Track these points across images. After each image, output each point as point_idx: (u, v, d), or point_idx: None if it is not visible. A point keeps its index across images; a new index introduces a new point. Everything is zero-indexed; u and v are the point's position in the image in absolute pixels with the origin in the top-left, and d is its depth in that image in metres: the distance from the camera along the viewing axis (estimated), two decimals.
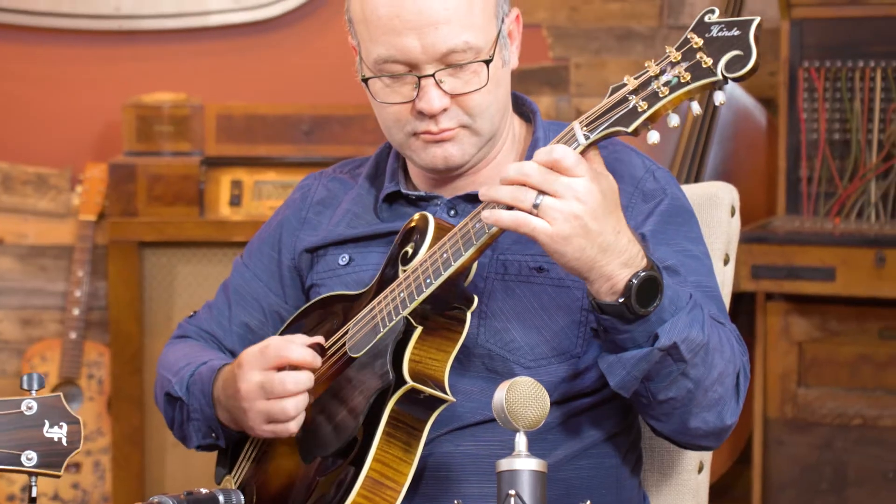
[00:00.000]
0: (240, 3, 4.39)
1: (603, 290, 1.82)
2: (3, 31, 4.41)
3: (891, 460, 3.80)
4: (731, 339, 1.95)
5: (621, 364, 1.86)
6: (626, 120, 1.79)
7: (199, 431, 2.11)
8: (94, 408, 4.26)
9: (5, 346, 4.48)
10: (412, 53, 1.95)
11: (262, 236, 2.24)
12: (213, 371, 2.07)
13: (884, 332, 3.81)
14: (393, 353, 1.88)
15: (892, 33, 3.90)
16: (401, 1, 1.94)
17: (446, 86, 1.96)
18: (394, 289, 1.93)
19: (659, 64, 1.80)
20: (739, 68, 1.75)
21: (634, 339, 1.85)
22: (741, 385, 1.95)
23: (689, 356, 1.85)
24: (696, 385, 1.88)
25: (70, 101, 4.44)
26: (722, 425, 1.94)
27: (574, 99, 4.42)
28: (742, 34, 1.75)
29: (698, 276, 2.00)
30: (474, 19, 1.96)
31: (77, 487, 4.27)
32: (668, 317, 1.84)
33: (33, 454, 1.72)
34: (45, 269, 4.47)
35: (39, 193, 4.47)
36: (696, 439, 1.97)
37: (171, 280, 4.17)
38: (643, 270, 1.81)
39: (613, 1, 4.40)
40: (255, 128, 4.18)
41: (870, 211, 3.89)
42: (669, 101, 1.78)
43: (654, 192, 2.04)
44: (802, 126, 3.96)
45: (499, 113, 2.03)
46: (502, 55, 2.01)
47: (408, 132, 2.01)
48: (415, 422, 1.88)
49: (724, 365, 1.90)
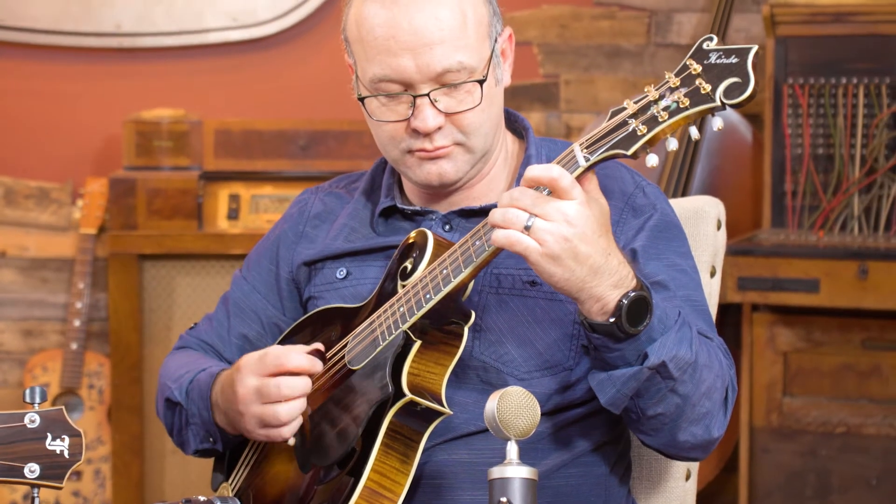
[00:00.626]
0: (237, 21, 4.39)
1: (594, 310, 1.82)
2: (7, 48, 4.41)
3: (874, 468, 3.80)
4: (719, 354, 1.95)
5: (611, 382, 1.87)
6: (626, 143, 1.79)
7: (197, 436, 2.11)
8: (95, 417, 4.26)
9: (7, 357, 4.47)
10: (407, 73, 1.95)
11: (260, 250, 2.24)
12: (211, 376, 2.07)
13: (867, 343, 3.81)
14: (392, 366, 1.88)
15: (874, 51, 3.91)
16: (396, 22, 1.95)
17: (441, 105, 1.97)
18: (393, 303, 1.93)
19: (658, 89, 1.79)
20: (738, 95, 1.75)
21: (624, 358, 1.85)
22: (729, 398, 1.95)
23: (677, 374, 1.85)
24: (684, 400, 1.88)
25: (71, 116, 4.44)
26: (709, 438, 1.94)
27: (564, 115, 4.43)
28: (740, 61, 1.75)
29: (687, 290, 2.01)
30: (468, 40, 1.96)
31: (78, 495, 4.26)
32: (657, 336, 1.84)
33: (36, 466, 1.72)
34: (46, 282, 4.47)
35: (41, 207, 4.46)
36: (684, 452, 1.97)
37: (170, 292, 4.17)
38: (633, 291, 1.81)
39: (602, 19, 4.41)
40: (252, 143, 4.18)
41: (853, 224, 3.89)
42: (668, 126, 1.78)
43: (644, 208, 2.04)
44: (787, 141, 3.96)
45: (492, 130, 2.03)
46: (495, 74, 2.02)
47: (403, 149, 2.01)
48: (412, 433, 1.88)
49: (712, 380, 1.90)
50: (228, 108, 4.38)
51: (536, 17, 4.41)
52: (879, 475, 3.80)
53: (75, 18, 4.37)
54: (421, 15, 1.94)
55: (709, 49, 1.78)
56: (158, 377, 2.20)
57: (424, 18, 1.94)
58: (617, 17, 4.40)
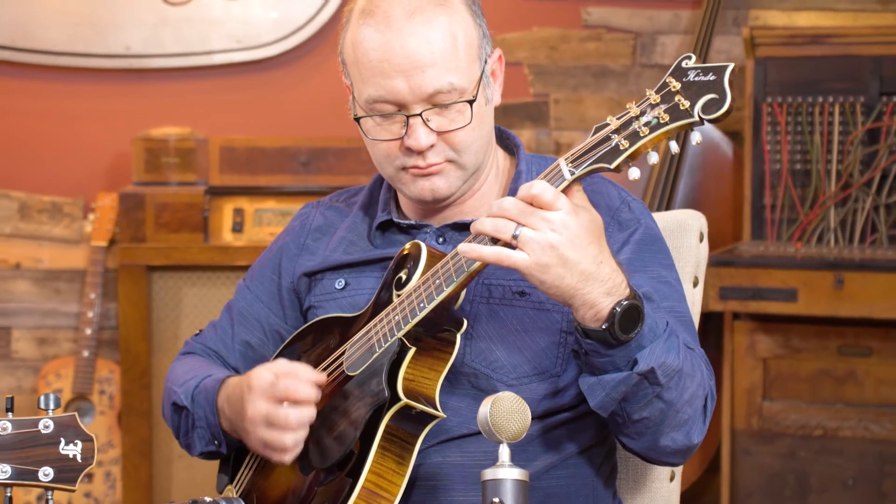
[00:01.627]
0: (241, 43, 4.40)
1: (587, 316, 1.82)
2: (22, 68, 4.41)
3: (850, 469, 3.80)
4: (701, 364, 1.95)
5: (601, 386, 1.86)
6: (609, 157, 1.79)
7: (203, 439, 2.11)
8: (106, 421, 4.25)
9: (22, 364, 4.47)
10: (401, 94, 1.96)
11: (264, 261, 2.24)
12: (217, 382, 2.07)
13: (843, 349, 3.81)
14: (388, 372, 1.88)
15: (849, 71, 3.92)
16: (390, 45, 1.95)
17: (433, 124, 1.97)
18: (389, 312, 1.93)
19: (640, 105, 1.80)
20: (715, 110, 1.75)
21: (615, 363, 1.85)
22: (708, 407, 1.96)
23: (664, 380, 1.85)
24: (668, 406, 1.88)
25: (83, 134, 4.44)
26: (689, 444, 1.94)
27: (553, 132, 4.43)
28: (717, 79, 1.76)
29: (671, 301, 2.01)
30: (458, 62, 1.96)
31: (89, 496, 4.26)
32: (646, 343, 1.84)
33: (50, 470, 1.72)
34: (59, 292, 4.46)
35: (54, 221, 4.46)
36: (665, 456, 1.98)
37: (177, 302, 4.16)
38: (626, 299, 1.81)
39: (590, 41, 4.42)
40: (255, 159, 4.18)
41: (829, 236, 3.90)
42: (649, 141, 1.78)
43: (630, 222, 2.05)
44: (766, 157, 3.97)
45: (482, 148, 2.03)
46: (485, 94, 2.02)
47: (397, 167, 2.01)
48: (408, 436, 1.88)
49: (694, 388, 1.91)
50: (233, 126, 4.38)
51: (527, 39, 4.42)
52: (855, 476, 3.80)
53: (87, 41, 4.38)
54: (413, 39, 1.95)
55: (687, 67, 1.78)
56: (165, 381, 2.20)
57: (416, 42, 1.95)
58: (604, 39, 4.41)
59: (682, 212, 2.30)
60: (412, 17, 1.95)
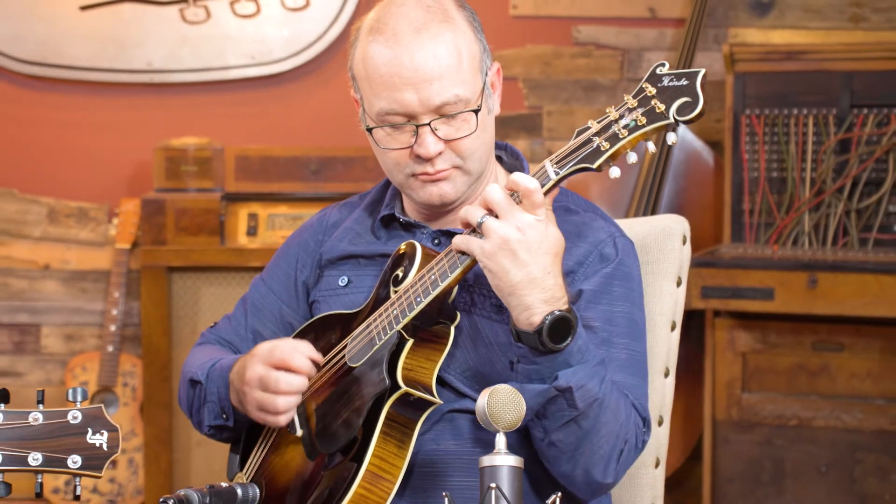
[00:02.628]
0: (255, 59, 4.40)
1: (521, 318, 1.81)
2: (51, 83, 4.42)
3: (823, 456, 3.80)
4: (630, 409, 1.91)
5: (522, 393, 1.85)
6: (591, 158, 1.80)
7: (212, 412, 2.10)
8: (129, 412, 4.26)
9: (51, 359, 4.47)
10: (410, 106, 1.95)
11: (280, 256, 2.23)
12: (232, 360, 2.07)
13: (816, 345, 3.81)
14: (388, 362, 1.88)
15: (822, 85, 3.92)
16: (399, 61, 1.95)
17: (440, 133, 1.96)
18: (387, 307, 1.93)
19: (618, 109, 1.80)
20: (689, 112, 1.75)
21: (540, 373, 1.83)
22: (625, 453, 1.90)
23: (581, 405, 1.82)
24: (584, 434, 1.85)
25: (108, 144, 4.44)
26: (603, 481, 1.89)
27: (547, 142, 4.43)
28: (690, 83, 1.76)
29: (629, 339, 1.97)
30: (463, 75, 1.96)
31: (113, 482, 4.26)
32: (573, 363, 1.82)
33: (77, 457, 1.73)
34: (85, 291, 4.47)
35: (81, 225, 4.46)
36: (575, 487, 1.93)
37: (195, 300, 4.17)
38: (560, 311, 1.80)
39: (580, 57, 4.42)
40: (268, 167, 4.18)
41: (804, 239, 3.90)
42: (628, 142, 1.78)
43: (609, 257, 2.01)
44: (745, 165, 3.97)
45: (485, 155, 2.03)
46: (487, 104, 2.01)
47: (407, 174, 2.01)
48: (407, 421, 1.88)
49: (616, 427, 1.87)
50: (247, 137, 4.39)
51: (522, 56, 4.42)
52: (828, 463, 3.79)
53: (111, 57, 4.38)
54: (421, 53, 1.94)
55: (662, 73, 1.79)
56: (182, 368, 2.21)
57: (424, 57, 1.94)
58: (593, 56, 4.42)
59: (666, 216, 2.29)
60: (419, 33, 1.95)
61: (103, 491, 4.25)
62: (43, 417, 1.72)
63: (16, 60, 4.37)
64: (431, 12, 1.97)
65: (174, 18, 4.37)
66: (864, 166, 3.88)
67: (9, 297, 4.45)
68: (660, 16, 4.40)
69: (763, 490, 3.84)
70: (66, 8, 4.35)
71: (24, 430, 1.71)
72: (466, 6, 2.03)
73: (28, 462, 1.71)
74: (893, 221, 3.88)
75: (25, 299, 4.46)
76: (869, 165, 3.88)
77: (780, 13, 4.38)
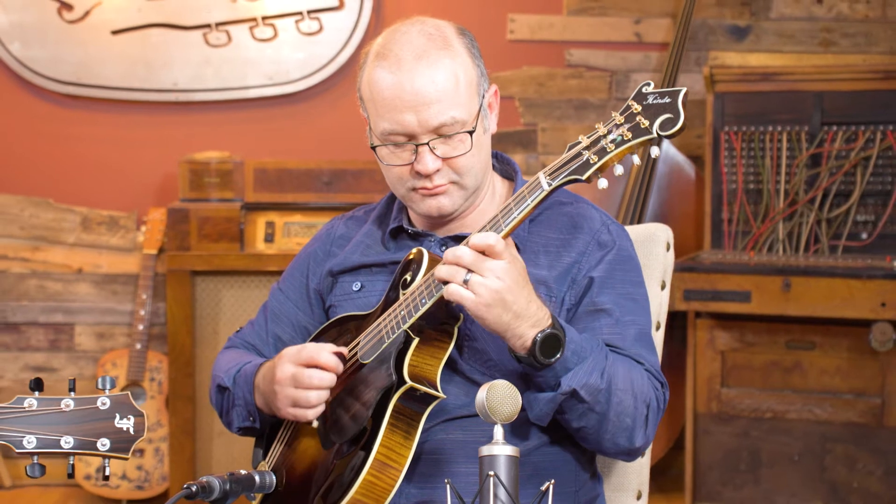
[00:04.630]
0: (273, 79, 4.40)
1: (517, 345, 1.85)
2: (85, 101, 4.42)
3: (796, 446, 3.80)
4: (644, 378, 1.94)
5: (536, 402, 1.90)
6: (581, 170, 1.80)
7: (240, 416, 2.11)
8: (155, 405, 4.25)
9: (84, 355, 4.47)
10: (410, 127, 1.96)
11: (294, 266, 2.24)
12: (256, 367, 2.08)
13: (790, 344, 3.81)
14: (395, 359, 1.88)
15: (795, 104, 3.93)
16: (401, 85, 1.95)
17: (438, 151, 1.97)
18: (396, 308, 1.93)
19: (606, 125, 1.80)
20: (671, 127, 1.76)
21: (546, 382, 1.87)
22: (650, 416, 1.94)
23: (589, 398, 1.87)
24: (602, 417, 1.89)
25: (137, 157, 4.44)
26: (631, 447, 1.94)
27: (541, 156, 4.43)
28: (672, 101, 1.77)
29: (634, 315, 2.00)
30: (460, 98, 1.96)
31: (141, 469, 4.26)
32: (571, 366, 1.86)
33: (107, 441, 1.72)
34: (116, 293, 4.46)
35: (111, 232, 4.46)
36: (611, 456, 2.00)
37: (217, 302, 4.16)
38: (547, 328, 1.83)
39: (572, 78, 4.42)
40: (284, 179, 4.18)
41: (778, 246, 3.90)
42: (615, 155, 1.78)
43: (607, 243, 2.04)
44: (724, 178, 3.97)
45: (481, 171, 2.03)
46: (483, 124, 2.01)
47: (408, 188, 2.01)
48: (413, 414, 1.88)
49: (630, 401, 1.91)
50: (265, 151, 4.39)
51: (518, 76, 4.42)
52: (801, 452, 3.79)
53: (140, 78, 4.38)
54: (420, 79, 1.95)
55: (647, 92, 1.80)
56: (211, 370, 2.21)
57: (423, 82, 1.94)
58: (584, 77, 4.41)
59: (651, 225, 2.29)
60: (420, 60, 1.95)
61: (131, 478, 4.25)
62: (74, 404, 1.72)
63: (54, 81, 4.37)
64: (433, 40, 1.97)
65: (198, 42, 4.37)
66: (834, 179, 3.87)
67: (45, 298, 4.45)
68: (646, 40, 4.40)
69: (741, 477, 3.83)
70: (100, 33, 4.36)
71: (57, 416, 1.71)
72: (466, 33, 2.03)
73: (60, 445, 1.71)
74: (861, 230, 3.88)
75: (60, 300, 4.46)
76: (838, 178, 3.88)
77: (756, 38, 4.38)
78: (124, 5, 4.34)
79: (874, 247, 3.84)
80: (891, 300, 3.56)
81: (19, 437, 1.69)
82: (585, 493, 2.06)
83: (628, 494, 2.21)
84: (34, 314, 4.45)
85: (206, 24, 4.36)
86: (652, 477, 2.32)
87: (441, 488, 1.92)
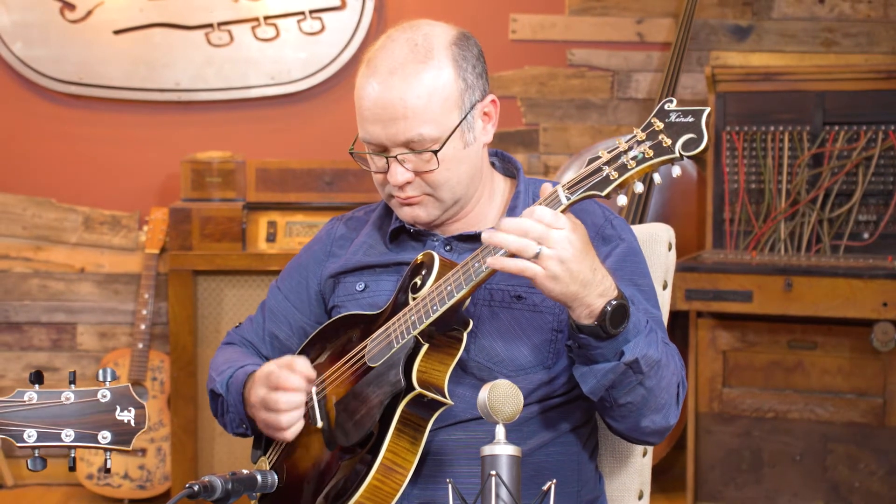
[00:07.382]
0: (275, 79, 4.40)
1: (583, 315, 1.82)
2: (87, 101, 4.42)
3: (797, 446, 3.79)
4: (675, 357, 1.95)
5: (593, 374, 1.86)
6: (601, 186, 1.77)
7: (233, 422, 2.13)
8: (157, 404, 4.25)
9: (86, 354, 4.47)
10: (379, 139, 1.96)
11: (293, 266, 2.24)
12: (245, 375, 2.08)
13: (791, 343, 3.81)
14: (404, 365, 1.88)
15: (797, 104, 3.92)
16: (374, 98, 1.95)
17: (408, 165, 1.97)
18: (405, 313, 1.92)
19: (628, 142, 1.78)
20: (694, 148, 1.73)
21: (604, 355, 1.85)
22: (680, 394, 1.96)
23: (646, 370, 1.86)
24: (648, 392, 1.88)
25: (139, 157, 4.44)
26: (667, 425, 1.95)
27: (543, 156, 4.43)
28: (696, 121, 1.74)
29: (646, 305, 2.01)
30: (431, 115, 1.94)
31: (143, 468, 4.25)
32: (631, 337, 1.84)
33: (108, 433, 1.72)
34: (118, 293, 4.46)
35: (114, 231, 4.46)
36: (644, 436, 1.98)
37: (219, 301, 4.16)
38: (615, 299, 1.82)
39: (574, 78, 4.42)
40: (286, 179, 4.18)
41: (780, 246, 3.89)
42: (636, 173, 1.76)
43: (612, 237, 2.04)
44: (726, 178, 3.96)
45: (461, 184, 2.01)
46: (464, 138, 1.99)
47: (387, 193, 2.04)
48: (420, 420, 1.87)
49: (670, 377, 1.91)
50: (267, 151, 4.38)
51: (520, 76, 4.42)
52: (802, 452, 3.79)
53: (142, 77, 4.38)
54: (390, 94, 1.94)
55: (669, 109, 1.77)
56: (209, 366, 2.21)
57: (392, 97, 1.94)
58: (586, 77, 4.41)
59: (653, 225, 2.29)
60: (393, 74, 1.94)
61: (133, 477, 4.25)
62: (74, 397, 1.72)
63: (56, 80, 4.37)
64: (415, 52, 1.96)
65: (200, 42, 4.37)
66: (836, 179, 3.87)
67: (47, 297, 4.45)
68: (647, 40, 4.39)
69: (742, 477, 3.83)
70: (102, 33, 4.35)
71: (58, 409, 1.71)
72: (464, 42, 2.00)
73: (61, 438, 1.70)
74: (863, 229, 3.87)
75: (63, 300, 4.46)
76: (840, 178, 3.87)
77: (758, 38, 4.38)
78: (126, 5, 4.34)
79: (876, 247, 3.84)
80: (892, 300, 3.56)
81: (20, 430, 1.69)
82: (587, 492, 2.06)
83: (630, 494, 2.21)
84: (36, 314, 4.45)
85: (209, 23, 4.36)
86: (653, 477, 2.32)
87: (443, 489, 1.92)
